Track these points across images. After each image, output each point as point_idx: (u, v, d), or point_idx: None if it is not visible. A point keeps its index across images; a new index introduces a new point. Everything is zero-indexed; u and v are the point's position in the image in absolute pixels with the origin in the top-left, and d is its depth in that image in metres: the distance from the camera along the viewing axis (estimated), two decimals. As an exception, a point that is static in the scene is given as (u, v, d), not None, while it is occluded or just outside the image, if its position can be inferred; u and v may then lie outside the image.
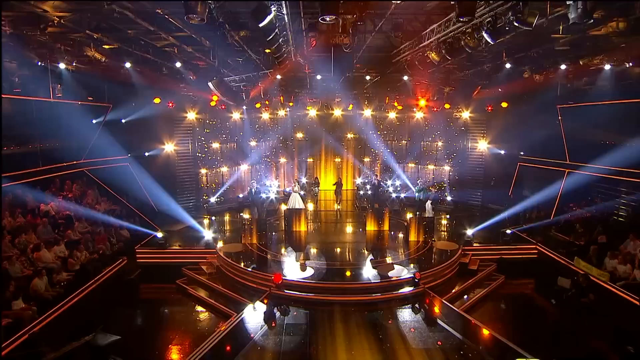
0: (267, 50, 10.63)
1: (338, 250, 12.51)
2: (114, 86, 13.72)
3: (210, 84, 11.53)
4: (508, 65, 11.84)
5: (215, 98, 14.80)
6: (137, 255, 11.96)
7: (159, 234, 12.65)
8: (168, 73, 12.77)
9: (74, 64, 11.16)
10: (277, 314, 8.84)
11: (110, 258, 11.30)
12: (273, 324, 8.36)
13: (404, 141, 19.79)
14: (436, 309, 9.12)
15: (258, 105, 18.06)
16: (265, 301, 8.97)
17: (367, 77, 14.61)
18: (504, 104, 15.79)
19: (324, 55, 10.72)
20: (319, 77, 14.49)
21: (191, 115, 16.96)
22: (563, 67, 11.60)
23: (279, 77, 14.12)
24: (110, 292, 10.21)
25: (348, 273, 10.40)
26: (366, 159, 20.54)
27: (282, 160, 20.19)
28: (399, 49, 10.75)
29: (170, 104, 15.78)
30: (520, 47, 10.69)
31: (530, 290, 11.28)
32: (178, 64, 11.46)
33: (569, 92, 14.47)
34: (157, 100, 14.96)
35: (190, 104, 16.60)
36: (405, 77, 13.96)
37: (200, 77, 13.17)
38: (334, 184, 17.98)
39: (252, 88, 14.81)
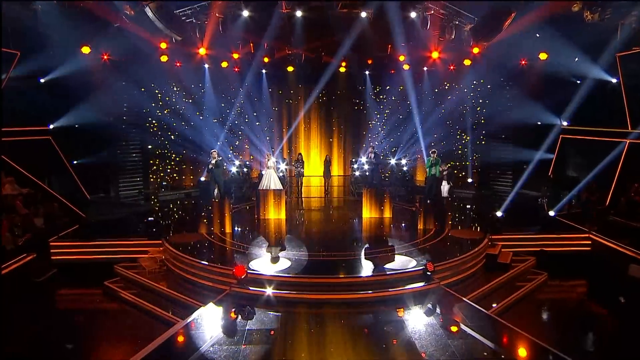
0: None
1: (325, 240, 12.22)
2: (21, 26, 12.61)
3: (147, 8, 10.46)
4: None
5: (164, 46, 13.86)
6: (52, 251, 11.27)
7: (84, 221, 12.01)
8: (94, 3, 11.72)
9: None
10: (238, 318, 8.21)
11: (12, 254, 10.50)
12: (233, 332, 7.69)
13: (411, 108, 19.36)
14: (456, 311, 8.54)
15: (225, 65, 17.81)
16: (233, 315, 8.41)
17: (363, 14, 13.68)
18: (543, 55, 15.02)
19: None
20: (299, 13, 13.59)
21: (135, 75, 16.22)
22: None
23: (245, 13, 13.18)
24: (7, 299, 9.20)
25: (341, 273, 9.79)
26: (363, 132, 20.46)
27: (256, 132, 19.79)
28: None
29: (105, 57, 14.79)
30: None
31: (582, 292, 10.83)
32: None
33: (633, 34, 13.49)
34: (85, 50, 14.01)
35: (133, 57, 15.63)
36: (413, 14, 13.09)
37: (140, 15, 12.14)
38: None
39: (207, 21, 13.82)
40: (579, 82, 15.19)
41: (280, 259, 10.23)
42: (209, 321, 8.14)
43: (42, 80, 14.55)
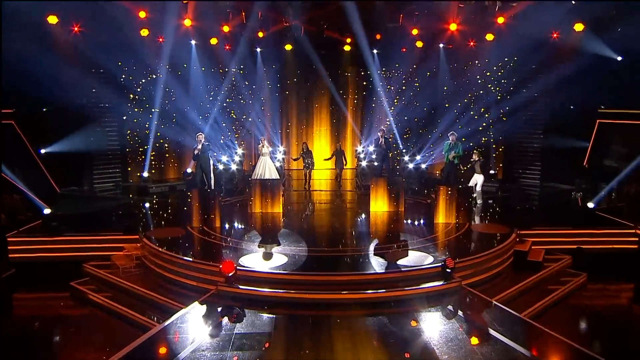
0: None
1: (328, 234, 12.37)
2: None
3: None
4: None
5: (142, 15, 13.62)
6: (10, 247, 11.10)
7: (47, 211, 12.08)
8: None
9: None
10: (225, 321, 8.09)
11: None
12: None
13: (424, 90, 19.46)
14: (482, 313, 8.36)
15: (214, 41, 17.81)
16: (219, 317, 8.35)
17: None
18: (579, 26, 14.71)
19: None
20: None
21: (114, 52, 16.05)
22: None
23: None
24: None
25: (346, 270, 9.74)
26: (372, 117, 20.48)
27: (250, 119, 19.80)
28: None
29: (76, 29, 14.57)
30: None
31: (628, 297, 10.75)
32: None
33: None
34: (52, 20, 13.77)
35: (109, 30, 15.41)
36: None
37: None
38: (328, 158, 17.81)
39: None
40: (620, 58, 14.97)
41: (276, 254, 10.16)
42: (191, 324, 7.94)
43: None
